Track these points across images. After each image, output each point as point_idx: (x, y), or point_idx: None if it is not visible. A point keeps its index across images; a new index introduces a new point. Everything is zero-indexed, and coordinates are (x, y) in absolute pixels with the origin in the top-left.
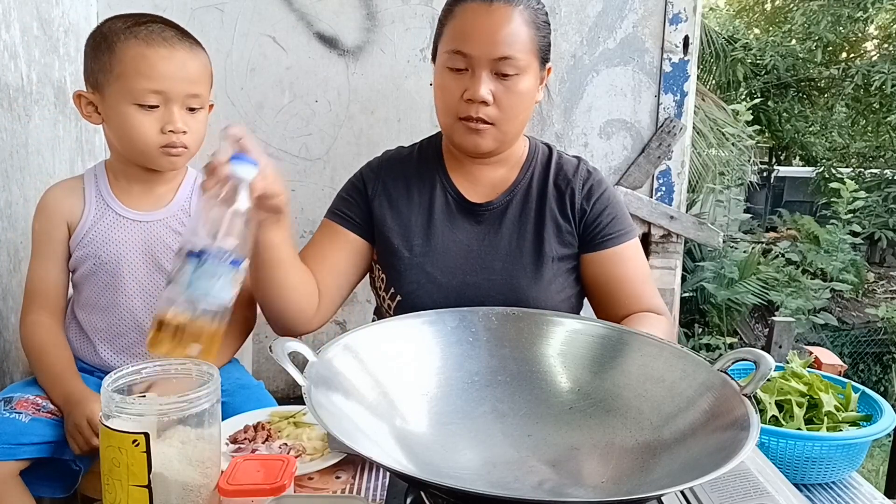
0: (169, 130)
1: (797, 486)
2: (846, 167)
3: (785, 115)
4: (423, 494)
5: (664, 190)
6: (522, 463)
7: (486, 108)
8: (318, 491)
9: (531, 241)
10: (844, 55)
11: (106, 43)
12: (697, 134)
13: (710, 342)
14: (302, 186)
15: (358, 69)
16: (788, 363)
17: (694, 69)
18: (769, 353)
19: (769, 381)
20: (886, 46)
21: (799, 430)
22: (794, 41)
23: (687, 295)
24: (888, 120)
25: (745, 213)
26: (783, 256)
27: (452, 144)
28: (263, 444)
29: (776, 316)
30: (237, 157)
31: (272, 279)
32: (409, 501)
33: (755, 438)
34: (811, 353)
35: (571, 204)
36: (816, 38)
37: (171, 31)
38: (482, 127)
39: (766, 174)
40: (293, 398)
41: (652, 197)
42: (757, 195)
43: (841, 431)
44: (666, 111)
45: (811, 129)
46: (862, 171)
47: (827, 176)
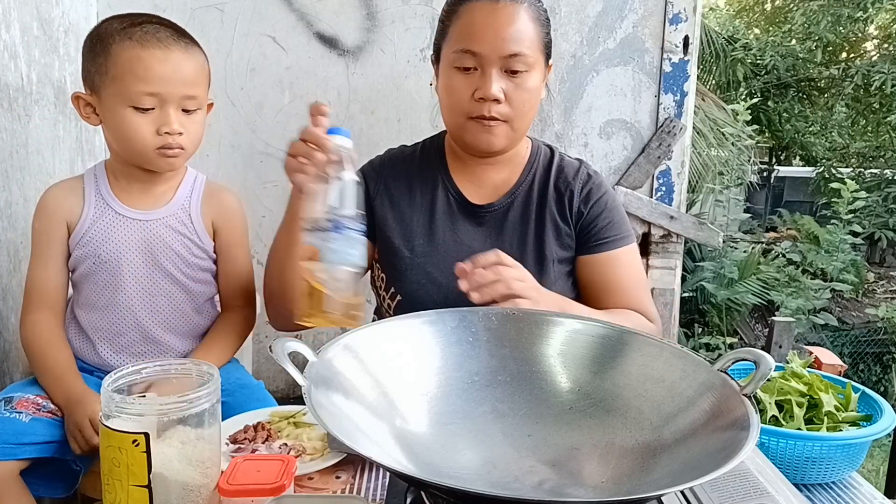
0: (165, 132)
1: (797, 486)
2: (846, 167)
3: (785, 115)
4: (423, 494)
5: (664, 190)
6: (522, 463)
7: (498, 106)
8: (318, 491)
9: (533, 243)
10: (844, 55)
11: (101, 45)
12: (697, 134)
13: (710, 342)
14: None
15: (358, 69)
16: (788, 363)
17: (694, 69)
18: (769, 353)
19: (769, 381)
20: (886, 46)
21: (799, 430)
22: (794, 41)
23: (687, 295)
24: (888, 120)
25: (745, 213)
26: (783, 256)
27: (462, 144)
28: (263, 444)
29: (776, 316)
30: (333, 130)
31: (294, 241)
32: (409, 501)
33: (755, 438)
34: (811, 353)
35: (570, 206)
36: (816, 38)
37: (166, 31)
38: (494, 125)
39: (766, 174)
40: (293, 398)
41: (652, 197)
42: (757, 195)
43: (841, 431)
44: (666, 111)
45: (811, 129)
46: (862, 171)
47: (827, 176)
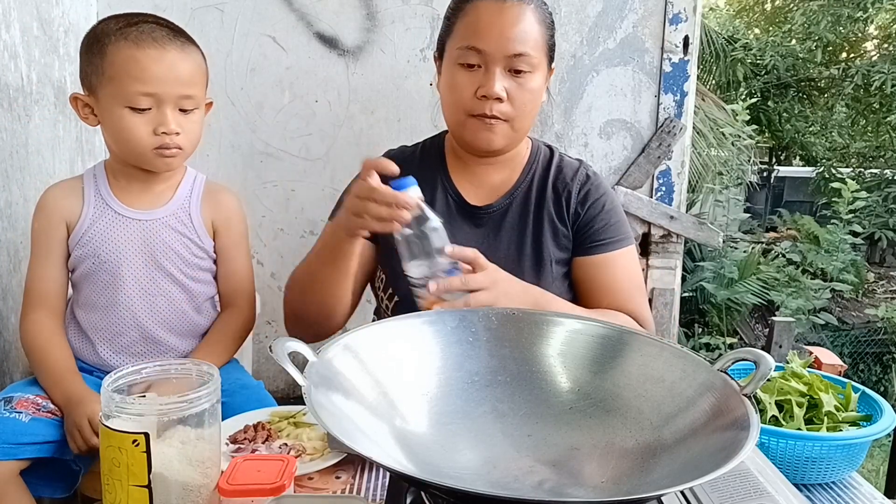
0: (162, 132)
1: (797, 486)
2: (846, 167)
3: (785, 115)
4: (423, 494)
5: (664, 190)
6: (522, 463)
7: (499, 104)
8: (318, 491)
9: (531, 244)
10: (844, 55)
11: (98, 45)
12: (697, 134)
13: (710, 342)
14: (302, 186)
15: (358, 69)
16: (788, 363)
17: (694, 69)
18: (769, 353)
19: (769, 381)
20: (886, 46)
21: (799, 430)
22: (794, 41)
23: (687, 295)
24: (888, 120)
25: (745, 213)
26: (783, 256)
27: (462, 142)
28: (263, 444)
29: (776, 316)
30: (399, 183)
31: (341, 284)
32: (409, 501)
33: (755, 438)
34: (811, 353)
35: (567, 207)
36: (816, 38)
37: (162, 30)
38: (495, 123)
39: (766, 174)
40: (293, 398)
41: (652, 197)
42: (757, 195)
43: (841, 431)
44: (666, 111)
45: (811, 129)
46: (862, 171)
47: (827, 176)
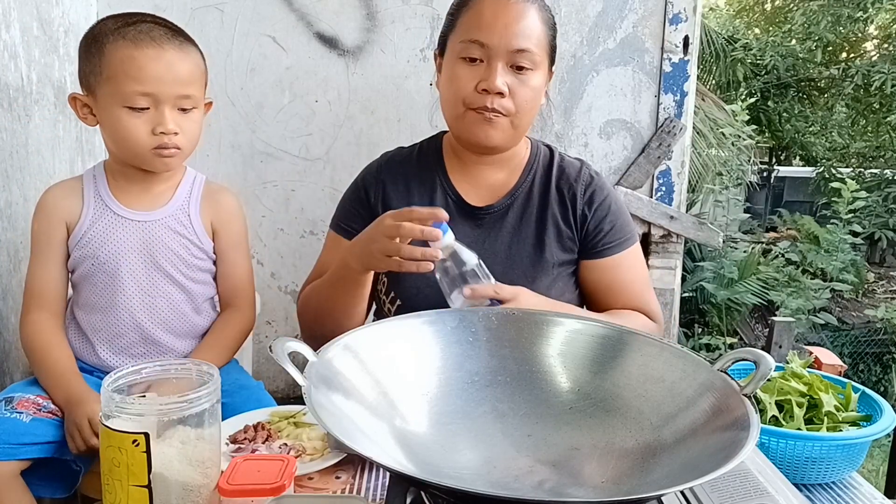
0: (160, 132)
1: (797, 486)
2: (846, 167)
3: (785, 115)
4: (423, 494)
5: (664, 190)
6: (522, 463)
7: (500, 99)
8: (318, 491)
9: (531, 245)
10: (844, 55)
11: (96, 45)
12: (697, 134)
13: (710, 342)
14: (302, 186)
15: (358, 69)
16: (788, 363)
17: (694, 69)
18: (769, 353)
19: (769, 381)
20: (886, 46)
21: (799, 430)
22: (794, 41)
23: (687, 295)
24: (888, 120)
25: (745, 213)
26: (783, 256)
27: (460, 137)
28: (263, 444)
29: (776, 316)
30: (438, 227)
31: (357, 306)
32: (409, 501)
33: (755, 438)
34: (811, 353)
35: (573, 209)
36: (816, 38)
37: (160, 30)
38: (495, 117)
39: (766, 174)
40: (293, 398)
41: (652, 197)
42: (757, 195)
43: (841, 431)
44: (666, 111)
45: (811, 129)
46: (862, 171)
47: (827, 176)
